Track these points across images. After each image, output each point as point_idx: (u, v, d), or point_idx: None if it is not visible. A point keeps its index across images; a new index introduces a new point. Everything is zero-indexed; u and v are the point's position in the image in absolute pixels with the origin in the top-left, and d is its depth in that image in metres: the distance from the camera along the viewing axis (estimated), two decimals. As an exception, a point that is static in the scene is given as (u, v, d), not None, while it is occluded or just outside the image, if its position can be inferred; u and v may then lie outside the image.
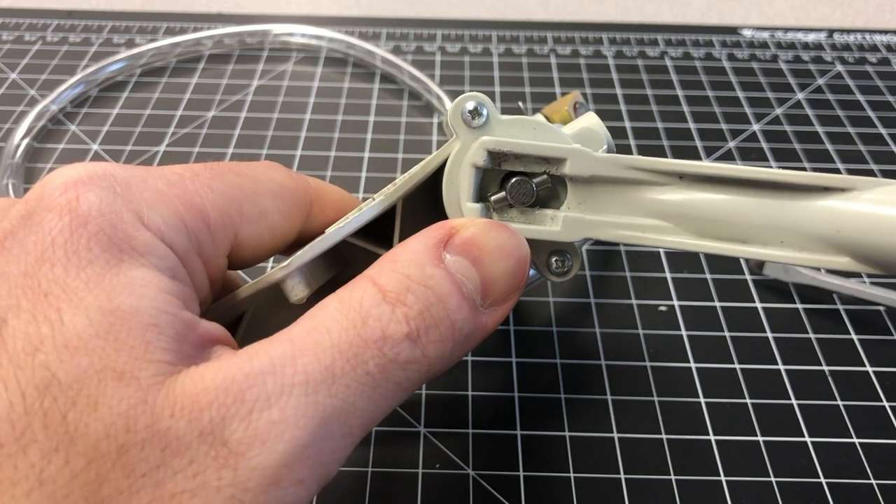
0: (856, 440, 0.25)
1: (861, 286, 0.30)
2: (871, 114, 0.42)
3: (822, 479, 0.24)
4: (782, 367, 0.28)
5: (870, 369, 0.28)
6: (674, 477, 0.24)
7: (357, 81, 0.44)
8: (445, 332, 0.16)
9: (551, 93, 0.43)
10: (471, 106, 0.19)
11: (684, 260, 0.32)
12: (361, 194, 0.35)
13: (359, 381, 0.15)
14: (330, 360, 0.15)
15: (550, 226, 0.20)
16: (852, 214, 0.18)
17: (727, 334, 0.29)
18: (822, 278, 0.30)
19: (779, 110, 0.42)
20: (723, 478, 0.24)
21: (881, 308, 0.30)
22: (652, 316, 0.30)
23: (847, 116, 0.41)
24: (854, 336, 0.29)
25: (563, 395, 0.27)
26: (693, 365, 0.28)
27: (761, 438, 0.25)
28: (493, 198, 0.20)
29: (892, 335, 0.29)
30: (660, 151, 0.39)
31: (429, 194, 0.21)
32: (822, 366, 0.28)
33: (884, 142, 0.40)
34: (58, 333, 0.13)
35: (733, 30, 0.50)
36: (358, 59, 0.45)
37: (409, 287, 0.16)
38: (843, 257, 0.18)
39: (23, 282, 0.14)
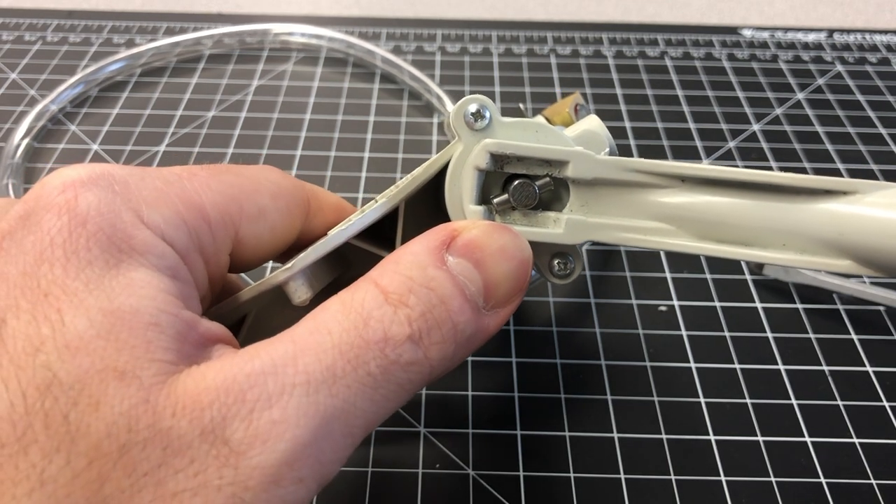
0: (856, 440, 0.25)
1: (861, 286, 0.30)
2: (871, 114, 0.42)
3: (822, 479, 0.24)
4: (782, 367, 0.28)
5: (870, 369, 0.28)
6: (674, 477, 0.24)
7: (357, 81, 0.44)
8: (447, 334, 0.16)
9: (551, 93, 0.43)
10: (473, 108, 0.19)
11: (684, 260, 0.32)
12: (361, 194, 0.35)
13: (360, 381, 0.15)
14: (331, 361, 0.15)
15: (553, 228, 0.20)
16: (855, 217, 0.18)
17: (727, 334, 0.29)
18: (822, 278, 0.30)
19: (779, 110, 0.42)
20: (723, 478, 0.24)
21: (881, 308, 0.30)
22: (652, 316, 0.30)
23: (847, 116, 0.41)
24: (854, 336, 0.29)
25: (563, 395, 0.27)
26: (693, 365, 0.28)
27: (761, 438, 0.25)
28: (495, 200, 0.20)
29: (892, 335, 0.29)
30: (660, 151, 0.39)
31: (430, 196, 0.21)
32: (822, 366, 0.28)
33: (884, 142, 0.40)
34: (58, 334, 0.13)
35: (733, 30, 0.50)
36: (358, 59, 0.45)
37: (412, 288, 0.16)
38: (845, 260, 0.18)
39: (22, 282, 0.14)
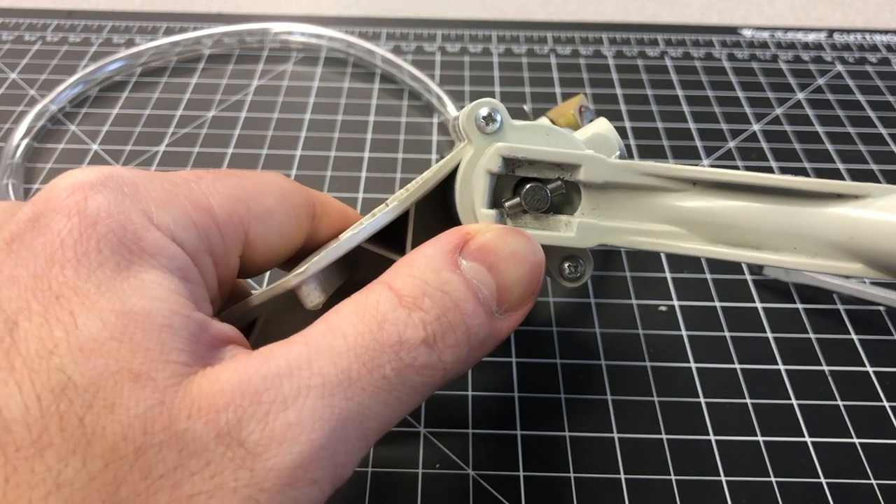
0: (856, 440, 0.25)
1: (861, 286, 0.30)
2: (871, 114, 0.42)
3: (822, 479, 0.24)
4: (782, 367, 0.28)
5: (870, 369, 0.28)
6: (674, 477, 0.24)
7: (357, 81, 0.44)
8: (461, 338, 0.16)
9: (551, 93, 0.43)
10: (485, 112, 0.19)
11: (684, 260, 0.32)
12: (361, 194, 0.35)
13: (375, 384, 0.15)
14: (346, 364, 0.15)
15: (565, 232, 0.20)
16: (866, 221, 0.18)
17: (727, 334, 0.29)
18: (822, 278, 0.30)
19: (779, 110, 0.42)
20: (723, 478, 0.24)
21: (881, 308, 0.30)
22: (652, 316, 0.30)
23: (847, 116, 0.41)
24: (854, 336, 0.29)
25: (563, 395, 0.27)
26: (693, 365, 0.28)
27: (761, 438, 0.25)
28: (507, 204, 0.20)
29: (892, 335, 0.29)
30: (660, 151, 0.39)
31: (437, 198, 0.21)
32: (822, 366, 0.28)
33: (884, 142, 0.40)
34: (72, 336, 0.13)
35: (733, 30, 0.50)
36: (358, 59, 0.45)
37: (426, 292, 0.16)
38: (856, 264, 0.18)
39: (33, 284, 0.14)
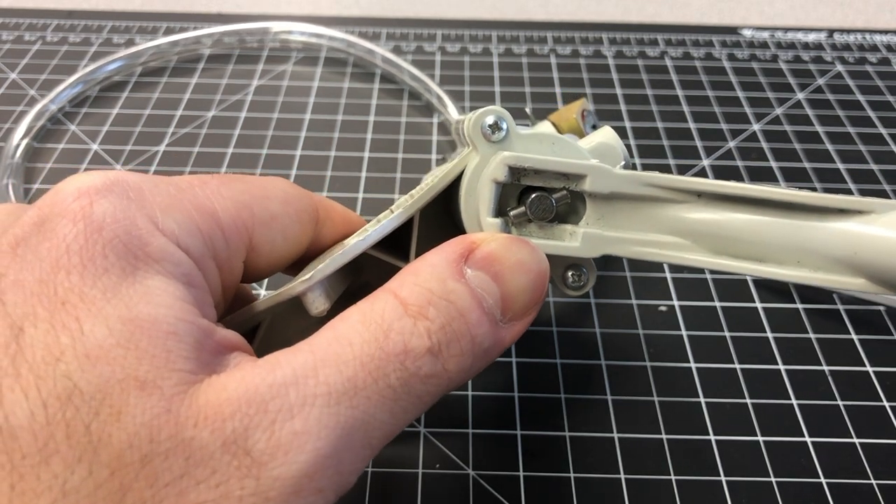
0: (856, 440, 0.25)
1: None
2: (871, 114, 0.42)
3: (822, 479, 0.24)
4: (782, 367, 0.28)
5: (870, 369, 0.28)
6: (674, 477, 0.24)
7: (357, 81, 0.44)
8: (466, 347, 0.17)
9: (551, 93, 0.43)
10: (491, 120, 0.19)
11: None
12: (361, 194, 0.35)
13: (380, 393, 0.15)
14: (352, 373, 0.15)
15: (569, 241, 0.20)
16: (870, 237, 0.18)
17: (727, 334, 0.29)
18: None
19: (779, 110, 0.42)
20: (723, 478, 0.24)
21: (881, 308, 0.30)
22: (652, 316, 0.30)
23: (847, 116, 0.41)
24: (854, 336, 0.29)
25: (563, 395, 0.27)
26: (693, 365, 0.28)
27: (761, 438, 0.25)
28: (512, 213, 0.20)
29: (892, 335, 0.29)
30: (660, 151, 0.39)
31: (441, 204, 0.21)
32: (822, 366, 0.28)
33: (884, 142, 0.40)
34: (78, 343, 0.13)
35: (733, 30, 0.50)
36: (358, 58, 0.45)
37: (431, 301, 0.16)
38: (858, 279, 0.18)
39: (38, 289, 0.14)
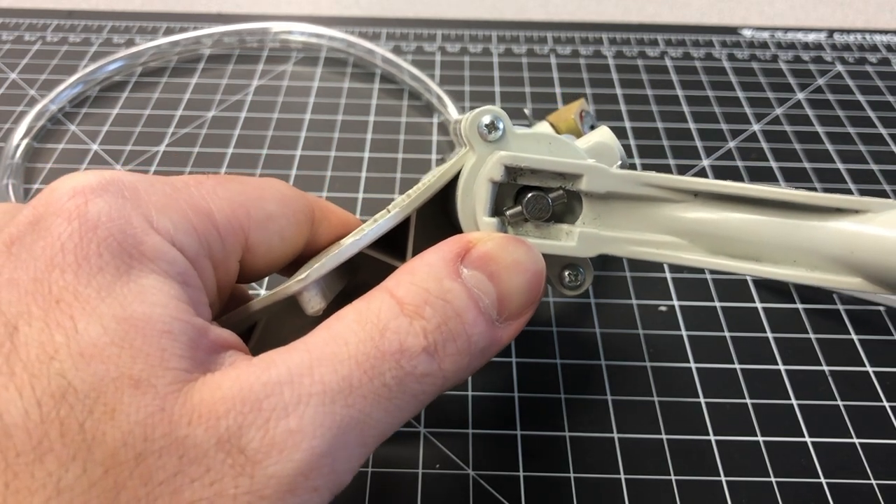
0: (856, 440, 0.25)
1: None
2: (871, 114, 0.42)
3: (822, 479, 0.24)
4: (782, 367, 0.28)
5: (870, 369, 0.28)
6: (674, 477, 0.24)
7: (357, 81, 0.44)
8: (462, 346, 0.17)
9: (551, 93, 0.43)
10: (487, 120, 0.19)
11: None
12: (361, 194, 0.35)
13: (376, 392, 0.15)
14: (347, 371, 0.15)
15: (566, 241, 0.20)
16: (866, 237, 0.18)
17: (727, 334, 0.29)
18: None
19: (779, 110, 0.42)
20: (723, 478, 0.24)
21: (881, 308, 0.30)
22: (652, 316, 0.30)
23: (847, 116, 0.41)
24: (854, 336, 0.29)
25: (563, 395, 0.27)
26: (693, 365, 0.28)
27: (761, 438, 0.25)
28: (508, 212, 0.20)
29: (892, 335, 0.29)
30: (660, 151, 0.39)
31: (437, 204, 0.21)
32: (822, 366, 0.28)
33: (884, 142, 0.40)
34: (72, 341, 0.13)
35: (733, 30, 0.50)
36: (358, 58, 0.45)
37: (427, 300, 0.16)
38: (855, 278, 0.18)
39: (33, 288, 0.14)
